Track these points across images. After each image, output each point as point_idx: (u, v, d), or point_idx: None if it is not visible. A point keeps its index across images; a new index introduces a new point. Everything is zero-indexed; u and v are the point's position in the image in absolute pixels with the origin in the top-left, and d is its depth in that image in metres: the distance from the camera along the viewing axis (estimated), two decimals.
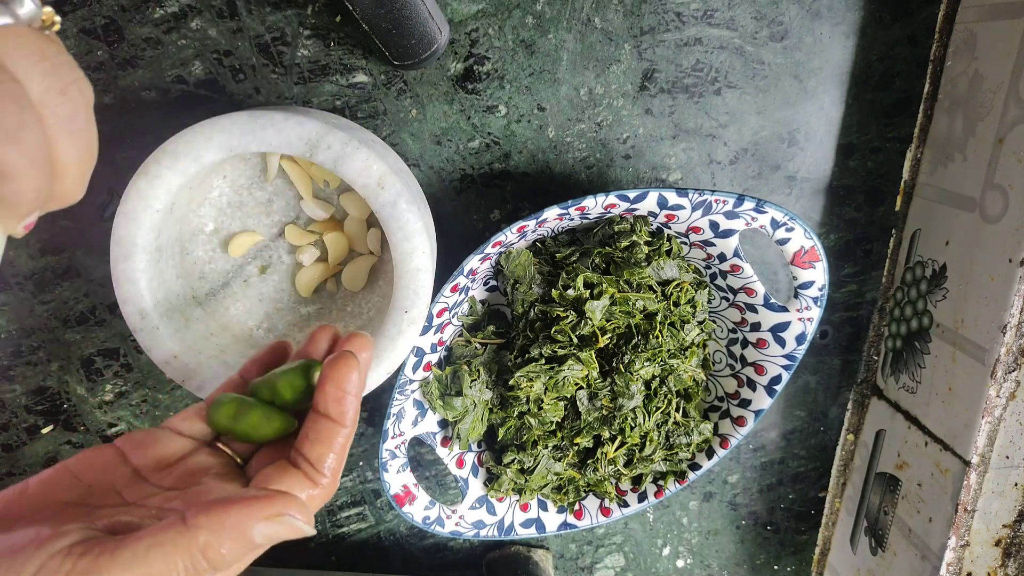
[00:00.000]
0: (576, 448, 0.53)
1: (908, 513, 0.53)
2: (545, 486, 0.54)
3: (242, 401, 0.35)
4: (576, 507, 0.56)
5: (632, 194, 0.44)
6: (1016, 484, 0.48)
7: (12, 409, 0.54)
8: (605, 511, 0.55)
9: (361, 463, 0.58)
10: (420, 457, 0.58)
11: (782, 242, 0.47)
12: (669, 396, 0.52)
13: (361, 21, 0.43)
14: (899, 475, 0.54)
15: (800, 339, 0.51)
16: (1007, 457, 0.47)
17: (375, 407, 0.57)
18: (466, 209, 0.53)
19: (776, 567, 0.66)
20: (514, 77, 0.50)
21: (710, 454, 0.54)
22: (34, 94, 0.24)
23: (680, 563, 0.65)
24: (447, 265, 0.49)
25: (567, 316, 0.48)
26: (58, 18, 0.26)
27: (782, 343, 0.51)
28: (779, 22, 0.51)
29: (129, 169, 0.41)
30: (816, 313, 0.50)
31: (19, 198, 0.24)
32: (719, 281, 0.52)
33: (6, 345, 0.52)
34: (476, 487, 0.55)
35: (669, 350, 0.50)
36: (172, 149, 0.40)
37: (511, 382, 0.49)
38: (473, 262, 0.46)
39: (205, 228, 0.48)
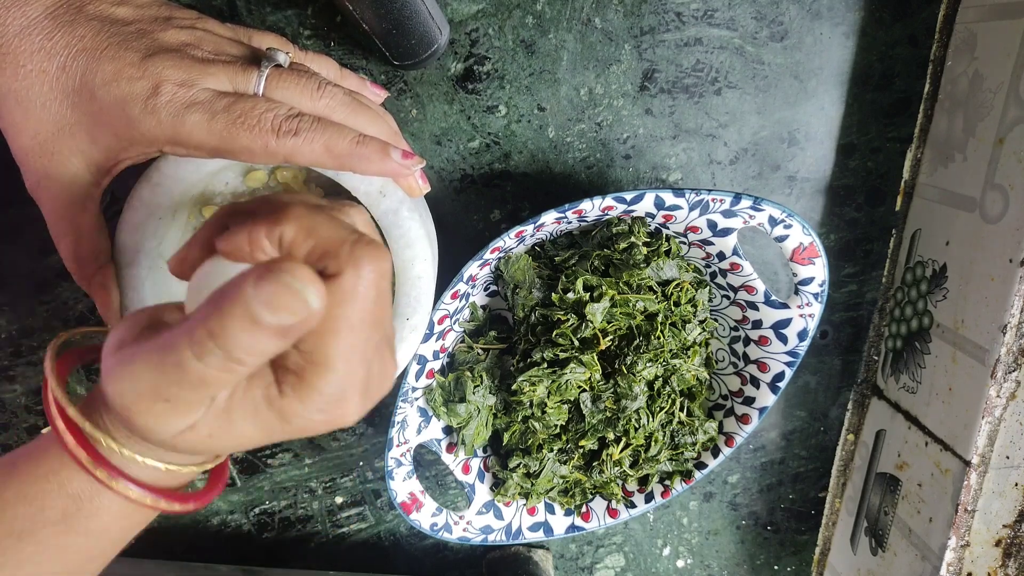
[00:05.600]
0: (581, 451, 0.53)
1: (908, 513, 0.53)
2: (551, 489, 0.54)
3: None
4: (583, 509, 0.56)
5: (629, 196, 0.44)
6: (1016, 484, 0.48)
7: (12, 409, 0.54)
8: (612, 512, 0.55)
9: (361, 463, 0.58)
10: (420, 458, 0.58)
11: (781, 239, 0.47)
12: (672, 396, 0.52)
13: (361, 21, 0.43)
14: (899, 475, 0.54)
15: (802, 335, 0.51)
16: (1007, 457, 0.47)
17: (376, 410, 0.57)
18: (466, 209, 0.53)
19: (776, 567, 0.66)
20: (514, 77, 0.50)
21: (715, 453, 0.54)
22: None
23: (680, 563, 0.65)
24: (447, 265, 0.49)
25: (568, 319, 0.48)
26: None
27: (784, 340, 0.51)
28: (779, 22, 0.51)
29: (132, 176, 0.40)
30: (817, 309, 0.50)
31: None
32: (719, 280, 0.52)
33: (6, 345, 0.52)
34: (483, 492, 0.54)
35: (671, 350, 0.50)
36: (174, 157, 0.40)
37: (514, 387, 0.49)
38: (472, 268, 0.46)
39: None
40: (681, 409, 0.53)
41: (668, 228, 0.49)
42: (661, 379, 0.51)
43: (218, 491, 0.37)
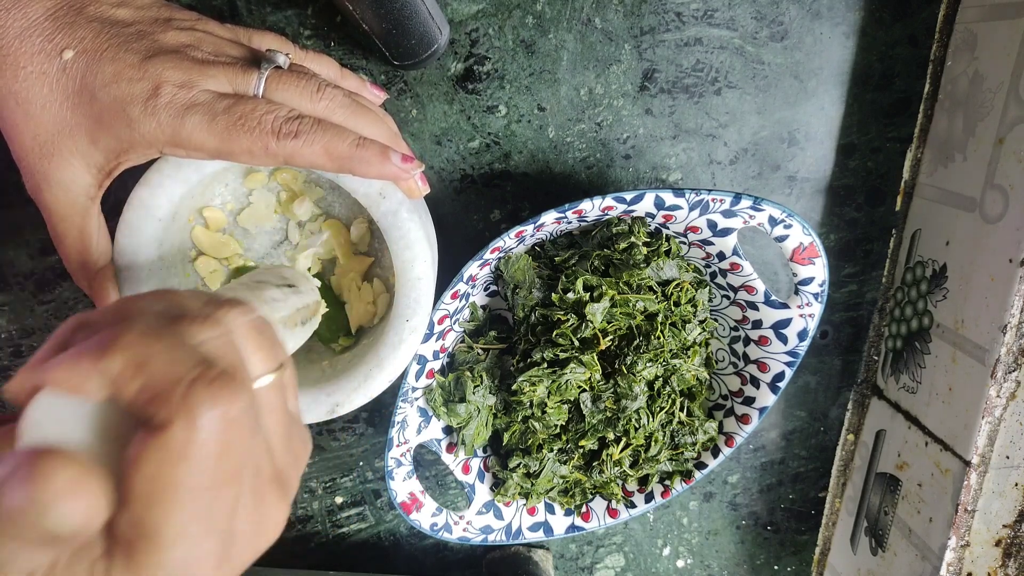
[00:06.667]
0: (581, 451, 0.53)
1: (908, 513, 0.53)
2: (551, 489, 0.54)
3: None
4: (583, 509, 0.56)
5: (629, 196, 0.44)
6: (1016, 484, 0.48)
7: (12, 409, 0.54)
8: (612, 512, 0.55)
9: (361, 463, 0.58)
10: (420, 458, 0.58)
11: (781, 239, 0.47)
12: (673, 396, 0.52)
13: (361, 21, 0.43)
14: (899, 475, 0.54)
15: (802, 335, 0.51)
16: (1007, 457, 0.47)
17: (376, 410, 0.57)
18: (466, 209, 0.53)
19: (776, 567, 0.66)
20: (514, 77, 0.50)
21: (715, 453, 0.54)
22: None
23: (680, 563, 0.65)
24: (447, 265, 0.49)
25: (568, 319, 0.48)
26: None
27: (784, 340, 0.51)
28: (779, 22, 0.51)
29: (132, 178, 0.40)
30: (817, 309, 0.50)
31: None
32: (719, 279, 0.52)
33: (6, 345, 0.52)
34: (483, 492, 0.54)
35: (671, 350, 0.50)
36: (174, 158, 0.40)
37: (514, 387, 0.49)
38: (472, 268, 0.46)
39: None
40: (681, 409, 0.53)
41: (668, 228, 0.49)
42: (661, 379, 0.51)
43: None
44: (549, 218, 0.44)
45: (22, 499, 0.21)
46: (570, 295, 0.48)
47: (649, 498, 0.55)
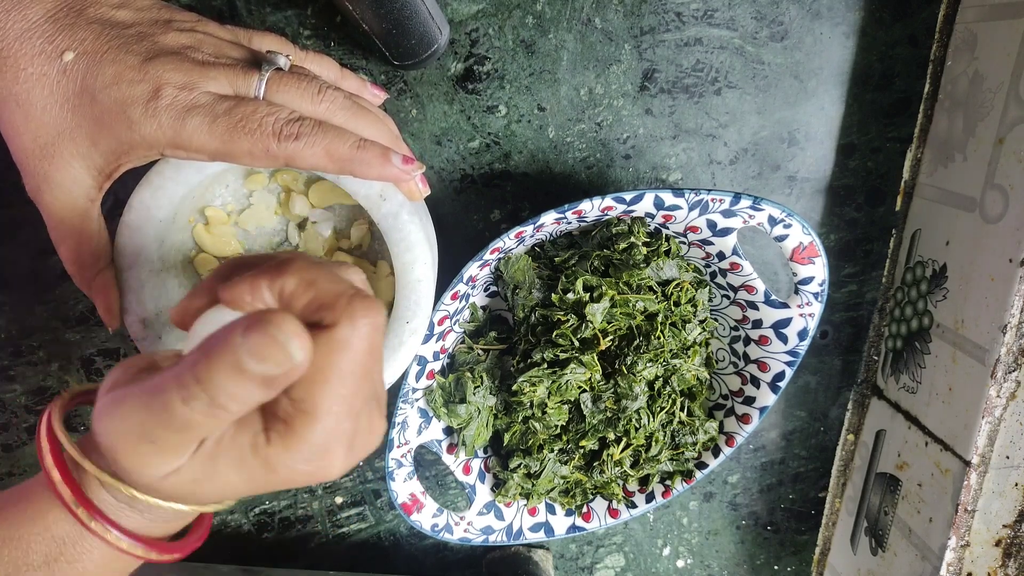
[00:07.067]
0: (582, 451, 0.53)
1: (908, 513, 0.53)
2: (552, 490, 0.54)
3: None
4: (584, 510, 0.56)
5: (628, 196, 0.44)
6: (1016, 484, 0.48)
7: (12, 409, 0.54)
8: (613, 512, 0.55)
9: (361, 463, 0.58)
10: (420, 458, 0.58)
11: (780, 239, 0.47)
12: (673, 396, 0.52)
13: (361, 21, 0.43)
14: (899, 475, 0.54)
15: (802, 335, 0.51)
16: (1007, 457, 0.47)
17: None
18: (466, 209, 0.53)
19: (776, 567, 0.66)
20: (514, 77, 0.50)
21: (716, 452, 0.54)
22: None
23: (680, 563, 0.65)
24: (447, 265, 0.49)
25: (568, 320, 0.48)
26: None
27: (784, 339, 0.51)
28: (779, 22, 0.51)
29: (133, 179, 0.40)
30: (817, 309, 0.50)
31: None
32: (719, 279, 0.52)
33: (6, 345, 0.52)
34: (484, 493, 0.55)
35: (671, 350, 0.50)
36: (175, 160, 0.40)
37: (514, 387, 0.49)
38: (472, 269, 0.46)
39: None
40: (681, 409, 0.53)
41: (668, 228, 0.49)
42: (661, 379, 0.51)
43: (201, 540, 0.36)
44: (549, 218, 0.44)
45: (262, 336, 0.25)
46: (570, 295, 0.48)
47: (650, 498, 0.55)
